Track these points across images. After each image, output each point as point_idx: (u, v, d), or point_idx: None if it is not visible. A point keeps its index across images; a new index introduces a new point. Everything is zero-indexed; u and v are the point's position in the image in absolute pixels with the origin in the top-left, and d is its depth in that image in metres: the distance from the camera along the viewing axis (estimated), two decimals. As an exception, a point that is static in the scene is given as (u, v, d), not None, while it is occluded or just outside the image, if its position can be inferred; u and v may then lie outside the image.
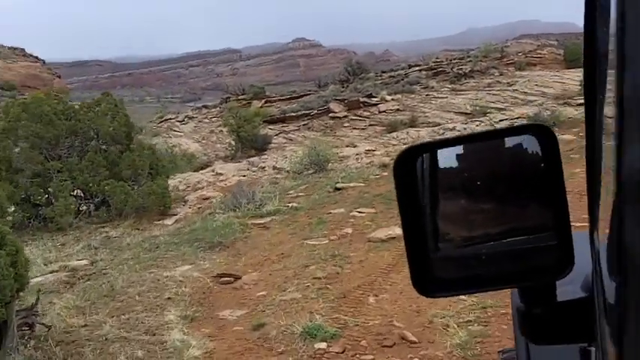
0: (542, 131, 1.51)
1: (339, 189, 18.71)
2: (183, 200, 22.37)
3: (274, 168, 28.46)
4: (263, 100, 62.40)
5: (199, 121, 61.47)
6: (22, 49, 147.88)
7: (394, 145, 36.44)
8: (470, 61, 58.44)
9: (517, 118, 34.37)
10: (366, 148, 29.96)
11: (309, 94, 62.50)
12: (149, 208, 19.19)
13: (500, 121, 37.17)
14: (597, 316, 1.38)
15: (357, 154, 28.63)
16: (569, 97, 39.63)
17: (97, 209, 19.26)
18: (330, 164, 25.11)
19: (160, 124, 66.13)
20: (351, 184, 19.03)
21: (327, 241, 13.31)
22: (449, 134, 34.28)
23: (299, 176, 24.25)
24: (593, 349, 1.57)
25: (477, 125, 36.31)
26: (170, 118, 67.85)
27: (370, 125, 47.57)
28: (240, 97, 65.16)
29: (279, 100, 62.91)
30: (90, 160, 19.13)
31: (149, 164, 20.20)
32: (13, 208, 18.05)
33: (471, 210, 1.64)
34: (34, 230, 18.29)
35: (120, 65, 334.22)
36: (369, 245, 12.64)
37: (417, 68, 61.87)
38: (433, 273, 1.62)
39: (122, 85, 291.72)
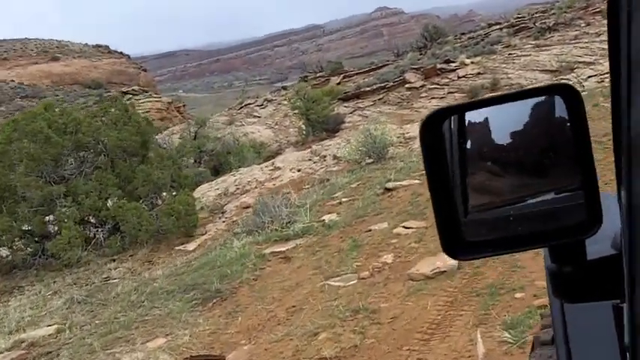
0: (568, 91, 1.47)
1: (389, 189, 15.09)
2: (221, 210, 19.22)
3: (334, 157, 24.99)
4: (341, 76, 60.14)
5: (278, 104, 58.66)
6: (107, 47, 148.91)
7: None
8: (553, 13, 54.17)
9: (607, 73, 29.88)
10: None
11: (388, 64, 59.34)
12: (170, 230, 16.00)
13: (589, 77, 33.34)
14: (626, 272, 1.33)
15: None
16: None
17: (109, 237, 16.12)
18: (391, 150, 21.48)
19: (240, 110, 64.07)
20: (404, 182, 15.34)
21: (355, 281, 9.77)
22: None
23: (357, 167, 20.81)
24: (625, 305, 1.50)
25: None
26: (250, 103, 65.50)
27: (449, 93, 44.08)
28: (318, 75, 63.07)
29: (358, 73, 60.41)
30: (97, 180, 16.04)
31: (170, 176, 16.91)
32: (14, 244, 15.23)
33: (499, 172, 1.60)
34: (39, 269, 15.44)
35: (207, 52, 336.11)
36: (409, 286, 9.04)
37: (498, 27, 58.39)
38: (462, 236, 1.55)
39: (210, 71, 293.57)
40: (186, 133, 44.89)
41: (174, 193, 17.33)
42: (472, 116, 1.59)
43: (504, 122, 1.56)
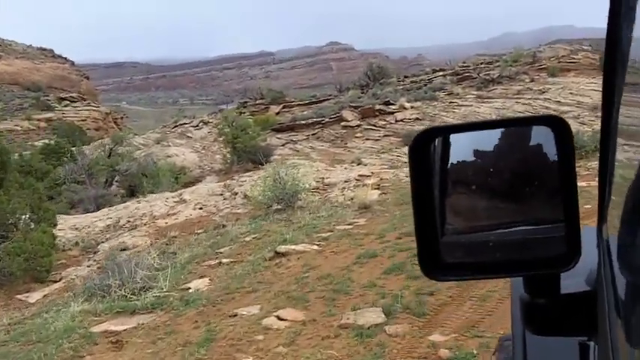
0: (557, 123, 1.48)
1: (280, 254, 12.25)
2: (94, 250, 16.18)
3: (245, 196, 22.15)
4: (281, 105, 57.85)
5: (214, 127, 55.59)
6: (51, 50, 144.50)
7: (403, 162, 30.44)
8: (498, 65, 52.98)
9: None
10: (360, 173, 23.46)
11: (330, 98, 57.30)
12: (14, 274, 12.89)
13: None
14: (605, 309, 1.37)
15: (346, 181, 22.18)
16: None
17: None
18: (304, 197, 18.76)
19: (174, 129, 61.39)
20: (300, 247, 12.53)
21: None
22: None
23: (262, 214, 18.10)
24: (592, 343, 1.62)
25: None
26: (185, 123, 62.81)
27: (385, 136, 42.48)
28: (258, 102, 60.80)
29: (298, 105, 58.45)
30: None
31: (30, 205, 13.80)
32: None
33: (481, 197, 1.59)
34: None
35: (155, 67, 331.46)
36: None
37: (442, 73, 56.82)
38: (441, 257, 1.56)
39: (156, 86, 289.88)
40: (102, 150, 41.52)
41: (33, 226, 14.21)
42: (458, 139, 1.58)
43: (489, 148, 1.55)
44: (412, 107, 45.24)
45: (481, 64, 56.57)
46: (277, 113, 55.13)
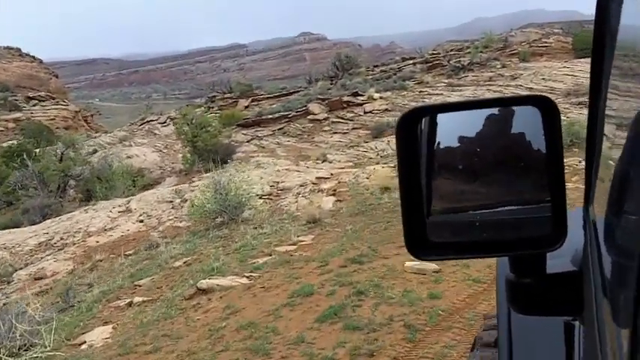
0: (545, 103, 1.47)
1: (201, 291, 10.21)
2: (8, 280, 14.14)
3: (193, 205, 20.11)
4: (250, 99, 56.10)
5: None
6: (18, 49, 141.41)
7: (369, 158, 28.65)
8: (469, 52, 52.13)
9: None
10: (317, 176, 21.41)
11: (300, 90, 55.58)
12: None
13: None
14: (591, 289, 1.38)
15: (302, 185, 20.16)
16: (584, 93, 32.23)
17: None
18: (254, 206, 16.81)
19: (141, 126, 59.59)
20: (226, 281, 10.44)
21: None
22: None
23: (202, 229, 16.11)
24: (577, 323, 1.66)
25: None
26: (152, 120, 60.90)
27: (354, 129, 40.86)
28: (226, 96, 59.19)
29: (267, 97, 56.87)
30: None
31: None
32: None
33: (467, 176, 1.57)
34: None
35: (127, 63, 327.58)
36: None
37: (412, 62, 55.61)
38: (427, 237, 1.55)
39: (129, 82, 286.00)
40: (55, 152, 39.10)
41: None
42: (445, 118, 1.57)
43: (476, 127, 1.53)
44: (381, 98, 43.85)
45: (451, 51, 55.54)
46: (246, 107, 53.32)
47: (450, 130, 1.55)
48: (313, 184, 19.95)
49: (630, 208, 0.94)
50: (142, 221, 19.43)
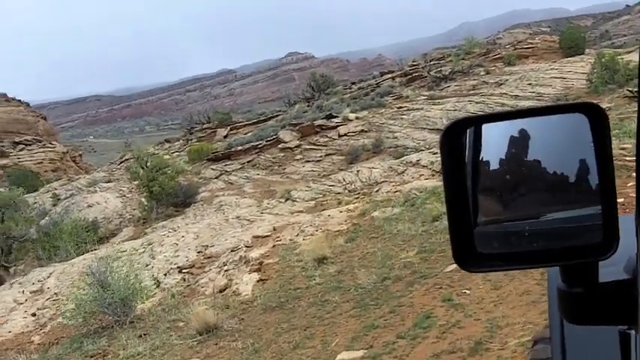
0: (593, 110, 1.46)
1: None
2: None
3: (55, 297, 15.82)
4: (228, 128, 53.14)
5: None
6: (4, 94, 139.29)
7: (335, 194, 24.74)
8: (450, 60, 49.09)
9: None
10: (254, 235, 17.17)
11: (280, 114, 53.37)
12: None
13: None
14: None
15: (233, 250, 15.90)
16: (577, 96, 28.45)
17: None
18: (143, 299, 12.53)
19: (120, 165, 56.41)
20: None
21: None
22: (411, 170, 25.15)
23: (85, 332, 11.81)
24: (632, 332, 1.58)
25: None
26: (131, 158, 57.20)
27: (327, 155, 37.46)
28: (205, 126, 56.50)
29: (246, 125, 54.04)
30: None
31: None
32: None
33: (515, 186, 1.57)
34: None
35: (119, 98, 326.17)
36: None
37: (390, 76, 51.97)
38: (475, 248, 1.53)
39: (122, 117, 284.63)
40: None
41: None
42: (490, 128, 1.57)
43: (523, 137, 1.52)
44: (357, 118, 40.53)
45: (432, 61, 52.12)
46: (225, 136, 50.89)
47: (496, 139, 1.53)
48: (247, 247, 15.74)
49: None
50: (34, 315, 15.20)
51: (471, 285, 8.89)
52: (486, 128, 1.56)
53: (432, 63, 50.68)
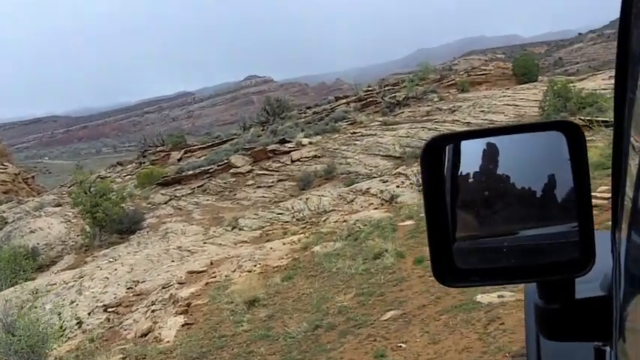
0: (570, 128, 1.48)
1: None
2: None
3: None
4: (182, 151, 52.14)
5: (111, 182, 48.53)
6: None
7: (283, 223, 23.89)
8: (405, 86, 48.36)
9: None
10: (189, 270, 16.09)
11: (235, 137, 52.09)
12: None
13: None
14: (615, 314, 1.39)
15: (164, 287, 14.79)
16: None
17: None
18: (59, 343, 11.43)
19: (70, 188, 54.61)
20: None
21: None
22: (360, 199, 24.96)
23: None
24: (607, 348, 1.60)
25: (403, 183, 24.62)
26: (82, 181, 55.45)
27: (279, 181, 36.51)
28: (158, 149, 55.14)
29: (200, 148, 52.98)
30: None
31: None
32: None
33: (493, 202, 1.56)
34: None
35: (76, 119, 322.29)
36: None
37: (345, 101, 51.51)
38: (454, 263, 1.54)
39: (79, 138, 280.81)
40: None
41: None
42: (469, 145, 1.57)
43: (501, 153, 1.53)
44: (310, 143, 39.74)
45: (386, 86, 51.61)
46: (179, 160, 49.63)
47: (474, 156, 1.53)
48: (179, 284, 14.67)
49: None
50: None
51: (408, 337, 8.05)
52: (465, 145, 1.55)
53: (386, 88, 50.30)
